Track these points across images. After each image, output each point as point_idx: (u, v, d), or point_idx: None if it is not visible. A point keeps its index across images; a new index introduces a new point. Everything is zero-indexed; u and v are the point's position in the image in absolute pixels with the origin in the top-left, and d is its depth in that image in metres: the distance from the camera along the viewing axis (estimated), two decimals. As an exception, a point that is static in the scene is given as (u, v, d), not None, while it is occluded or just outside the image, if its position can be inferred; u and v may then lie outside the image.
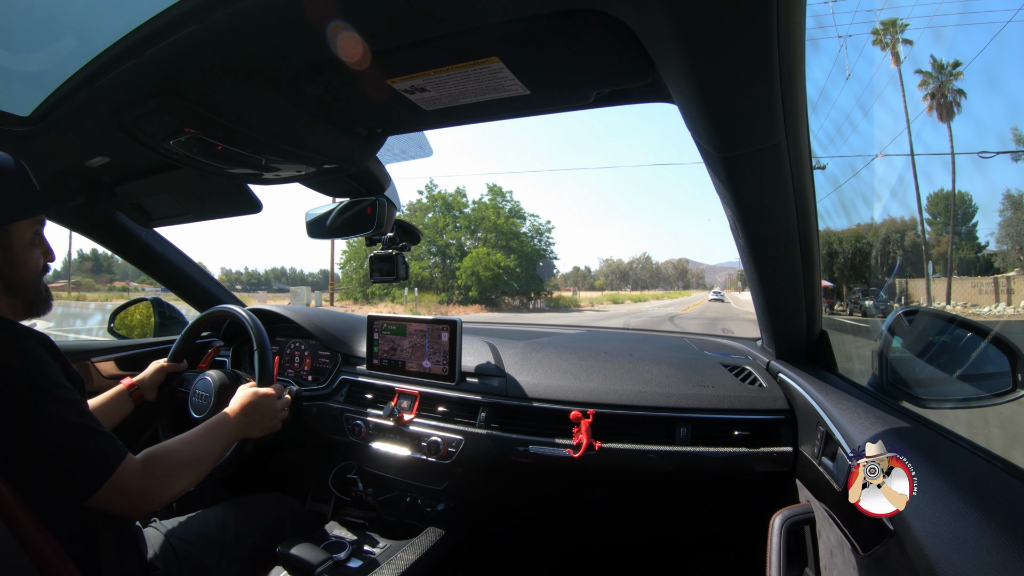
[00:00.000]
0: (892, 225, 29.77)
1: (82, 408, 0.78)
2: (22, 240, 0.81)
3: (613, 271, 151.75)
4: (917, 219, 28.33)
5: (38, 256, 0.85)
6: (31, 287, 0.84)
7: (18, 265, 0.81)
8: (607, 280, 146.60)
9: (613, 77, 0.76)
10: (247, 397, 1.09)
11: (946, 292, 22.51)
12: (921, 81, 27.87)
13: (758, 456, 1.04)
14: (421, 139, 1.21)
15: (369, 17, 0.63)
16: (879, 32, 27.59)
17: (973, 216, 30.18)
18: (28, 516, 0.68)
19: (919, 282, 24.73)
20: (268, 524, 1.16)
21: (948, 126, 27.41)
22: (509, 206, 29.44)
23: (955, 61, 27.68)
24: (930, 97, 27.64)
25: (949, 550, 0.50)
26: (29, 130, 0.98)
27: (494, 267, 25.65)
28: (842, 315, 19.70)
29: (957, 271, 25.90)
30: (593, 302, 45.77)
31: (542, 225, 30.83)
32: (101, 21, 0.71)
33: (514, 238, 28.57)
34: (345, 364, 1.47)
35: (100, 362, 1.61)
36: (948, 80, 27.47)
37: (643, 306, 40.95)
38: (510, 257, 26.94)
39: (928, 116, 27.40)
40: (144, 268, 1.74)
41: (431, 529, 1.20)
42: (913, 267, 26.78)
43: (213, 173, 1.07)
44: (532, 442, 1.11)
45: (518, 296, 28.85)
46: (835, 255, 27.49)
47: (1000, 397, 0.82)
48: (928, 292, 23.20)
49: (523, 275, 27.67)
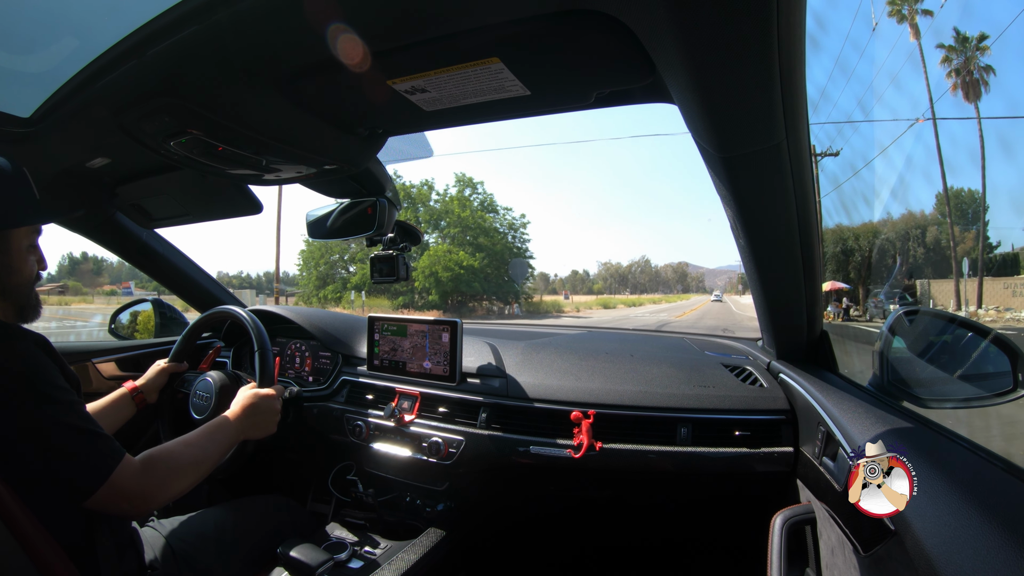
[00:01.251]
0: (911, 220, 27.49)
1: (80, 410, 0.78)
2: (19, 246, 0.82)
3: (612, 275, 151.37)
4: (945, 210, 24.46)
5: (32, 263, 0.86)
6: (23, 293, 0.85)
7: (13, 271, 0.82)
8: (606, 284, 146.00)
9: (613, 78, 0.76)
10: (248, 398, 1.09)
11: (976, 294, 19.55)
12: (943, 57, 24.40)
13: (759, 456, 1.04)
14: (421, 140, 1.22)
15: (370, 18, 0.64)
16: (896, 1, 24.41)
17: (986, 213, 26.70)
18: (27, 517, 0.68)
19: (944, 284, 21.50)
20: (268, 525, 1.16)
21: (976, 106, 23.90)
22: (480, 199, 26.15)
23: (981, 34, 24.25)
24: (954, 74, 24.22)
25: (950, 550, 0.50)
26: (30, 131, 0.98)
27: (455, 267, 22.44)
28: (860, 320, 18.04)
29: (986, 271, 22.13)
30: (580, 307, 43.05)
31: (515, 220, 27.39)
32: (101, 22, 0.71)
33: (483, 234, 25.09)
34: (346, 365, 1.47)
35: (101, 363, 1.61)
36: (973, 56, 23.93)
37: (634, 312, 39.26)
38: (476, 256, 23.66)
39: (952, 96, 24.35)
40: (144, 269, 1.74)
41: (432, 530, 1.20)
42: (935, 267, 24.50)
43: (213, 174, 1.07)
44: (533, 443, 1.11)
45: (489, 300, 25.45)
46: (850, 252, 24.65)
47: (1001, 397, 0.82)
48: (958, 294, 20.15)
49: (493, 276, 24.60)
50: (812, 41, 0.65)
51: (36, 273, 0.87)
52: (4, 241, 0.80)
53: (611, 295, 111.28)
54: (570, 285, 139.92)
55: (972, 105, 24.01)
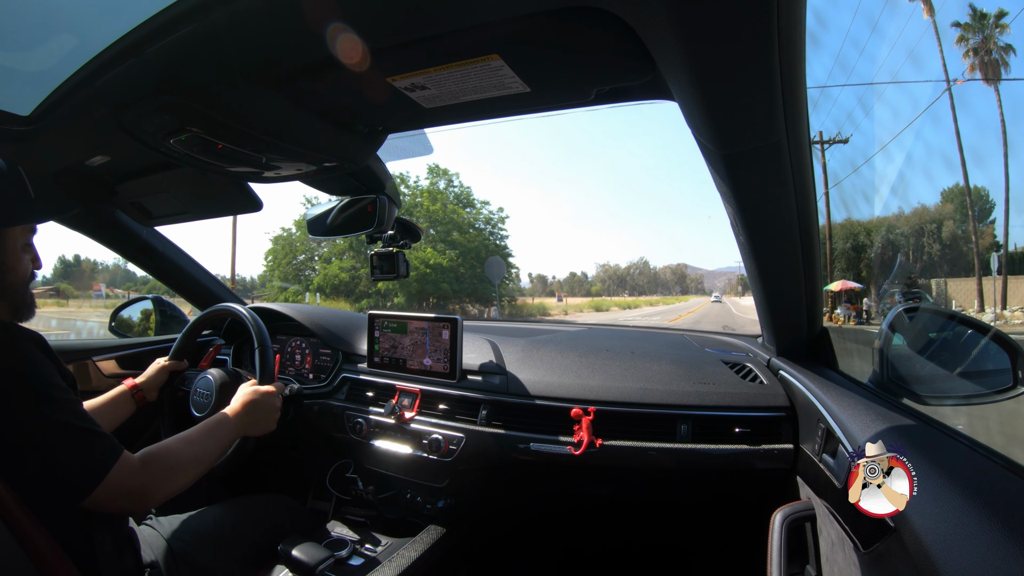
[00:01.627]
0: (925, 214, 25.26)
1: (77, 408, 0.78)
2: (14, 245, 0.83)
3: (610, 276, 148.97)
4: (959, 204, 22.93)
5: (27, 262, 0.86)
6: (18, 292, 0.85)
7: (8, 270, 0.82)
8: (604, 286, 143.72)
9: (613, 75, 0.76)
10: (248, 395, 1.09)
11: (1001, 293, 18.07)
12: (959, 37, 22.55)
13: (759, 453, 1.04)
14: (421, 137, 1.21)
15: (369, 15, 0.63)
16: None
17: (991, 212, 25.22)
18: (26, 515, 0.68)
19: (962, 282, 20.00)
20: (268, 523, 1.16)
21: (996, 89, 22.29)
22: (456, 191, 23.34)
23: (1000, 11, 22.51)
24: (972, 53, 22.43)
25: (949, 546, 0.50)
26: (29, 129, 0.98)
27: (420, 265, 19.86)
28: (875, 324, 15.29)
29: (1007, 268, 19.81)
30: (569, 310, 39.80)
31: (493, 214, 24.22)
32: (100, 20, 0.71)
33: (456, 230, 22.28)
34: (346, 362, 1.47)
35: (101, 361, 1.61)
36: (992, 34, 22.25)
37: (625, 315, 36.50)
38: (446, 254, 21.11)
39: (971, 76, 22.54)
40: (144, 267, 1.74)
41: (432, 527, 1.21)
42: (951, 264, 22.59)
43: (213, 172, 1.07)
44: (533, 439, 1.11)
45: (464, 301, 22.68)
46: (862, 249, 22.98)
47: (1001, 394, 0.82)
48: (982, 294, 18.62)
49: (467, 275, 21.98)
50: (812, 38, 0.64)
51: (31, 272, 0.87)
52: (0, 240, 0.80)
53: (610, 297, 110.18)
54: (567, 288, 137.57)
55: (992, 88, 22.56)
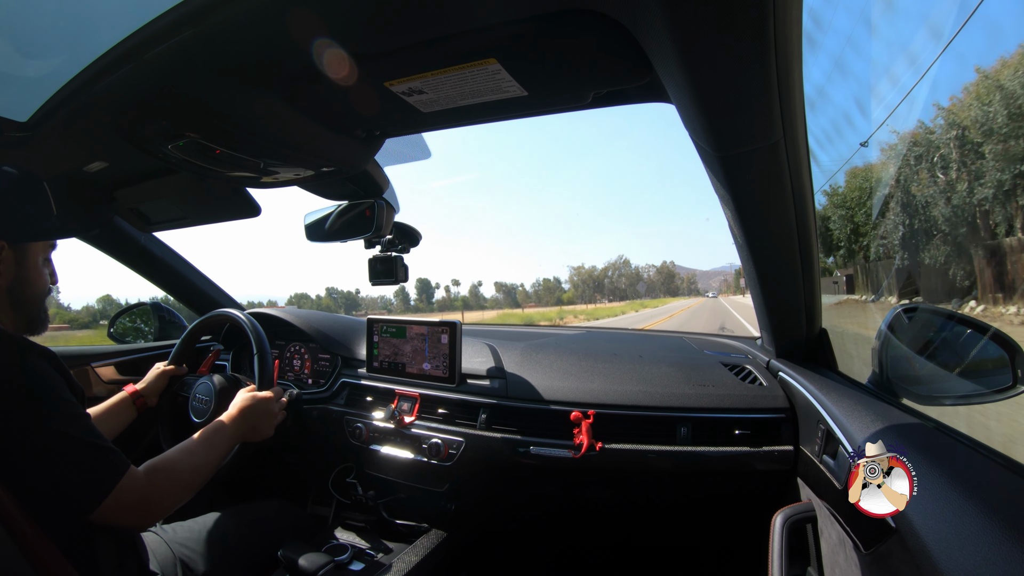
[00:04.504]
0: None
1: (86, 423, 0.78)
2: (36, 259, 0.85)
3: (584, 280, 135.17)
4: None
5: (46, 277, 0.88)
6: (35, 306, 0.86)
7: (29, 283, 0.84)
8: (577, 292, 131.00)
9: (610, 77, 0.76)
10: (245, 401, 1.09)
11: None
12: None
13: (759, 455, 1.04)
14: (419, 141, 1.22)
15: (366, 21, 0.64)
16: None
17: None
18: (30, 526, 0.68)
19: None
20: (269, 529, 1.16)
21: None
22: None
23: None
24: None
25: (951, 546, 0.50)
26: (27, 135, 0.98)
27: None
28: None
29: None
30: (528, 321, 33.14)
31: None
32: (97, 26, 0.71)
33: None
34: (345, 367, 1.46)
35: (100, 367, 1.61)
36: None
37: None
38: None
39: None
40: (143, 272, 1.74)
41: (433, 531, 1.20)
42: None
43: (211, 177, 1.07)
44: (533, 443, 1.11)
45: None
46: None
47: (1000, 394, 0.82)
48: None
49: None
50: (808, 39, 0.65)
51: (48, 287, 0.89)
52: (23, 254, 0.83)
53: (586, 304, 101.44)
54: (534, 298, 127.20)
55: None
